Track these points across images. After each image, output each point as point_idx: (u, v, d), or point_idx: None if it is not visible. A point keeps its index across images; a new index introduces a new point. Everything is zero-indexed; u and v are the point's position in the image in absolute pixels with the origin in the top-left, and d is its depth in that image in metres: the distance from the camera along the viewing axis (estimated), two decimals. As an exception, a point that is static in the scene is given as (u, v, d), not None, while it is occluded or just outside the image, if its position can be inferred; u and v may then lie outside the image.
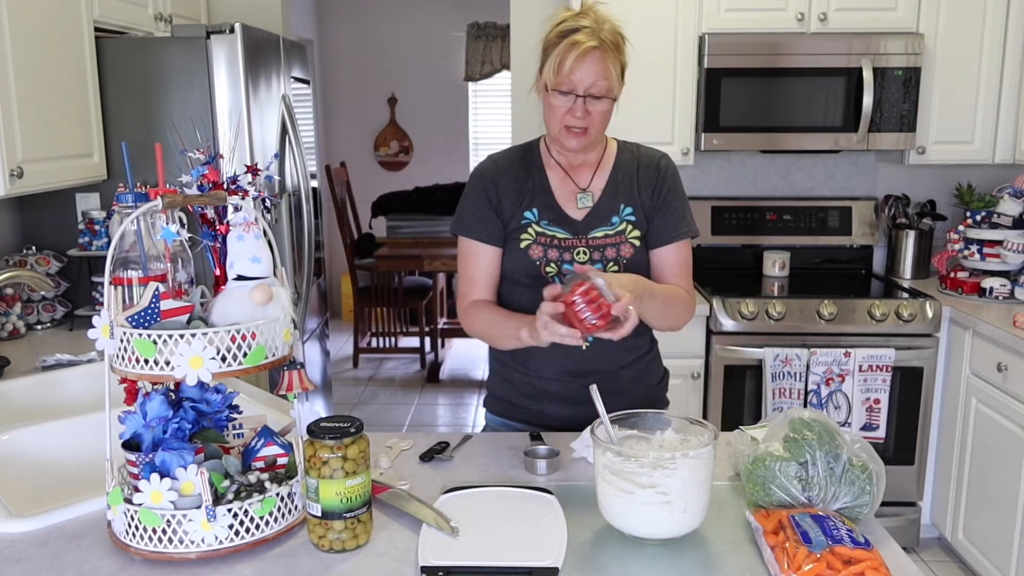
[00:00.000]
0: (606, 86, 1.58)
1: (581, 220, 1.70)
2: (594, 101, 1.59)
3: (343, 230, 5.29)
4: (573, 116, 1.60)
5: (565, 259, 1.68)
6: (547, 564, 1.17)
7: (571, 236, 1.69)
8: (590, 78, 1.57)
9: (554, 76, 1.58)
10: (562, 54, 1.57)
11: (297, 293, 3.18)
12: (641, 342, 1.79)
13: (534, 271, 1.68)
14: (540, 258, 1.68)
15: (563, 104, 1.60)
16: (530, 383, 1.76)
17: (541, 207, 1.70)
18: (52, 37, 2.34)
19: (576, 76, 1.56)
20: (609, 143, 1.78)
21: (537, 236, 1.69)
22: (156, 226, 1.25)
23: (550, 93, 1.60)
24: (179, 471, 1.18)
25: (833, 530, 1.14)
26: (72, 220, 2.73)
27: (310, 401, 3.43)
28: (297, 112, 3.26)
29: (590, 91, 1.58)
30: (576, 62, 1.55)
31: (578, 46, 1.55)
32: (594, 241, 1.69)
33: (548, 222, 1.70)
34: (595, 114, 1.60)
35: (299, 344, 1.33)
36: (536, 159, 1.75)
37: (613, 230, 1.70)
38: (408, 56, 6.59)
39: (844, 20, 3.05)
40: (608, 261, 1.68)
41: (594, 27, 1.57)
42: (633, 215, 1.71)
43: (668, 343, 2.99)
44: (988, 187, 3.26)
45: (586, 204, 1.71)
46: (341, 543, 1.22)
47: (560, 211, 1.70)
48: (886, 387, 2.86)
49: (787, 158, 3.51)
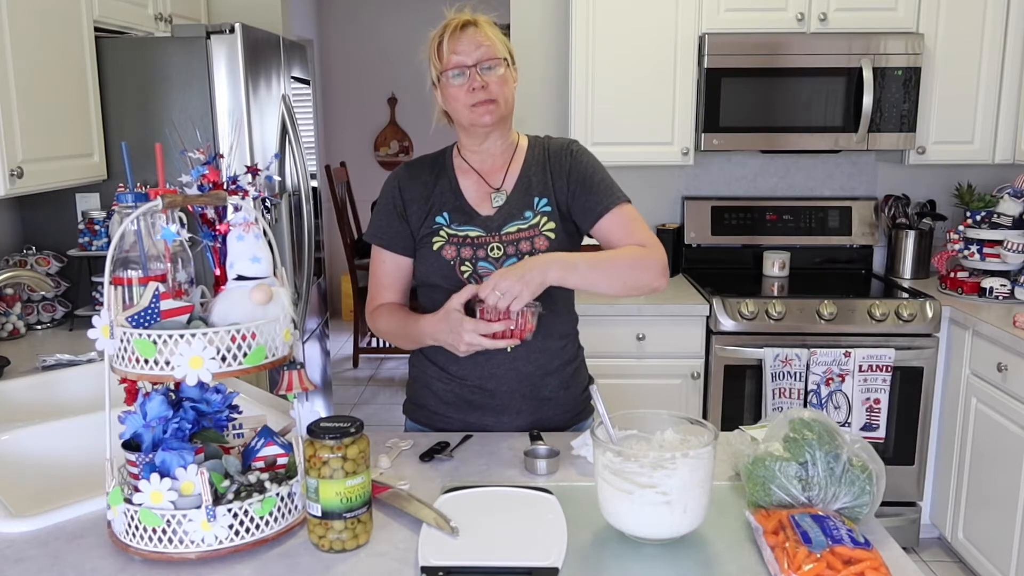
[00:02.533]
0: (492, 50, 1.60)
1: (493, 216, 1.69)
2: (487, 70, 1.60)
3: (343, 230, 5.29)
4: (472, 90, 1.60)
5: (479, 256, 1.66)
6: (547, 564, 1.17)
7: (484, 233, 1.67)
8: (473, 48, 1.59)
9: (439, 62, 1.61)
10: (438, 38, 1.61)
11: (297, 293, 3.18)
12: (568, 348, 1.76)
13: (448, 272, 1.67)
14: (454, 258, 1.66)
15: (460, 83, 1.60)
16: (451, 391, 1.73)
17: (452, 211, 1.69)
18: (52, 37, 2.34)
19: (460, 49, 1.59)
20: (520, 139, 1.76)
21: (449, 237, 1.67)
22: (156, 226, 1.25)
23: (443, 82, 1.62)
24: (179, 471, 1.17)
25: (833, 530, 1.14)
26: (72, 220, 2.73)
27: (310, 401, 3.43)
28: (297, 112, 3.26)
29: (479, 61, 1.59)
30: (453, 38, 1.59)
31: (449, 25, 1.60)
32: (507, 236, 1.67)
33: (459, 223, 1.68)
34: (494, 81, 1.60)
35: (299, 344, 1.33)
36: (447, 164, 1.74)
37: (526, 224, 1.68)
38: (408, 56, 6.55)
39: (844, 20, 3.05)
40: (522, 255, 1.65)
41: (467, 18, 1.61)
42: (548, 206, 1.69)
43: (668, 343, 3.02)
44: (988, 187, 3.26)
45: (499, 203, 1.70)
46: (341, 543, 1.22)
47: (472, 213, 1.69)
48: (886, 387, 2.86)
49: (787, 158, 3.51)
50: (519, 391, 1.70)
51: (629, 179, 3.57)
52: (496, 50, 1.61)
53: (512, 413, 1.71)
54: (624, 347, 2.98)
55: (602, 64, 3.12)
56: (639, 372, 3.00)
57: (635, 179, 3.48)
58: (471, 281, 1.65)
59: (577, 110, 3.15)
